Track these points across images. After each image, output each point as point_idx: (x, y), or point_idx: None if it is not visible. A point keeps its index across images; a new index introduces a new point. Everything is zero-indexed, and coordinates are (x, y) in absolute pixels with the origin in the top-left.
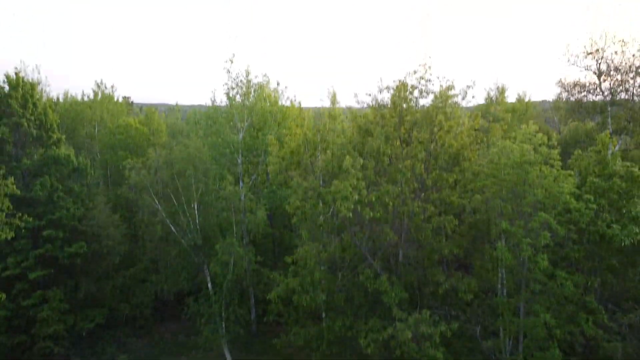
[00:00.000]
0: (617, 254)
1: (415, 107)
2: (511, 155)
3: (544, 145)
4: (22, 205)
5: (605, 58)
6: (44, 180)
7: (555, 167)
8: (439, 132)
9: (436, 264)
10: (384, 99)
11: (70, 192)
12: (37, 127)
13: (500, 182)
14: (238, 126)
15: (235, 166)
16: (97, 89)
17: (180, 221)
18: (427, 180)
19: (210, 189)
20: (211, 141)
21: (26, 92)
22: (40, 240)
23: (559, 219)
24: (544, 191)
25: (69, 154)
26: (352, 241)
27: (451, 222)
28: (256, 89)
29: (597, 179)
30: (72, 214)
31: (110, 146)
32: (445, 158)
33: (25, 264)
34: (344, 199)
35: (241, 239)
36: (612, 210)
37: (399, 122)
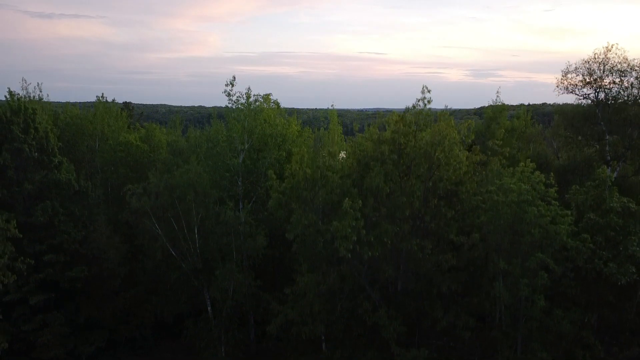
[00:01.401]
0: (614, 290)
1: (414, 141)
2: (509, 194)
3: (541, 183)
4: (24, 230)
5: (604, 87)
6: (45, 205)
7: (553, 205)
8: (437, 169)
9: (435, 297)
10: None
11: (71, 215)
12: (38, 151)
13: (498, 220)
14: (238, 148)
15: (235, 187)
16: (98, 102)
17: (181, 245)
18: (426, 216)
19: (210, 213)
20: (211, 164)
21: (28, 117)
22: (41, 265)
23: (556, 257)
24: (542, 230)
25: (70, 178)
26: (352, 272)
27: (449, 260)
28: (257, 111)
29: (594, 216)
30: (72, 238)
31: (111, 163)
32: (443, 192)
33: (26, 289)
34: (343, 238)
35: (241, 263)
36: (609, 247)
37: (398, 158)
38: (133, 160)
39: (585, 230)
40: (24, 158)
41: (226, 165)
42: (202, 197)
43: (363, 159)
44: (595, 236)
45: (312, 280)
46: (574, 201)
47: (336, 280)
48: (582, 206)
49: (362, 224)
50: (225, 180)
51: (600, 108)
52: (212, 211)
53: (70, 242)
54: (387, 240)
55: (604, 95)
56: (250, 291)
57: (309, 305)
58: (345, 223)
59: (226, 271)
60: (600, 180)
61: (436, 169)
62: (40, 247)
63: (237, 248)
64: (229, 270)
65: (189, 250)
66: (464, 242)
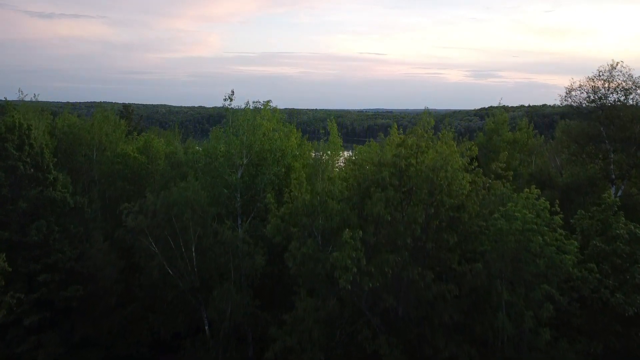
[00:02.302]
0: (620, 319)
1: (416, 163)
2: (513, 223)
3: (546, 210)
4: (18, 249)
5: (608, 105)
6: (39, 224)
7: (558, 232)
8: (439, 194)
9: (437, 326)
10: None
11: (66, 233)
12: (33, 168)
13: (502, 248)
14: (237, 163)
15: (233, 203)
16: (96, 111)
17: (178, 264)
18: (427, 243)
19: (208, 231)
20: (209, 180)
21: (23, 134)
22: (35, 284)
23: (562, 287)
24: (547, 260)
25: (65, 195)
26: (351, 298)
27: (452, 291)
28: (255, 126)
29: (600, 243)
30: (68, 256)
31: (109, 174)
32: (446, 218)
33: (20, 309)
34: (342, 269)
35: (239, 283)
36: (615, 275)
37: (399, 183)
38: (130, 172)
39: (591, 257)
40: (19, 175)
41: (224, 181)
42: (200, 214)
43: (363, 182)
44: (601, 264)
45: (311, 305)
46: (579, 226)
47: (335, 305)
48: (588, 231)
49: (362, 254)
50: (223, 196)
51: (604, 126)
52: (210, 229)
53: (65, 261)
54: (388, 270)
55: (608, 113)
56: (248, 311)
57: (307, 332)
58: (345, 254)
59: (224, 292)
60: (606, 205)
61: (438, 194)
62: (35, 267)
63: (236, 267)
64: (226, 291)
65: (186, 268)
66: (466, 271)
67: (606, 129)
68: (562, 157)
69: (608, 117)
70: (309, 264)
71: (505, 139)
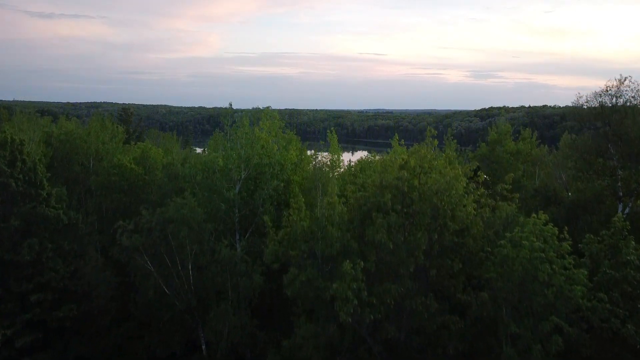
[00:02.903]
0: (631, 348)
1: (419, 185)
2: (521, 250)
3: (554, 237)
4: (10, 268)
5: (616, 121)
6: (31, 242)
7: (567, 259)
8: (442, 219)
9: (440, 356)
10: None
11: (59, 250)
12: (26, 184)
13: (509, 277)
14: (234, 178)
15: (231, 218)
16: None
17: (174, 282)
18: (431, 270)
19: (205, 249)
20: (207, 195)
21: (15, 149)
22: (28, 304)
23: (570, 317)
24: (555, 290)
25: (59, 212)
26: (352, 324)
27: (457, 323)
28: (254, 140)
29: (610, 270)
30: (61, 275)
31: (105, 186)
32: (449, 242)
33: (11, 330)
34: (343, 300)
35: (237, 303)
36: (625, 303)
37: (402, 208)
38: (127, 183)
39: (600, 284)
40: (11, 192)
41: (222, 196)
42: (197, 232)
43: (364, 204)
44: (611, 291)
45: (310, 331)
46: (588, 251)
47: (336, 332)
48: (597, 256)
49: (363, 284)
50: (221, 212)
51: (612, 142)
52: (207, 246)
53: (58, 280)
54: (390, 301)
55: (616, 129)
56: (246, 330)
57: (307, 359)
58: (345, 285)
59: (221, 312)
60: (616, 229)
61: (442, 219)
62: (27, 286)
63: (233, 286)
64: (223, 312)
65: (182, 287)
66: (471, 301)
67: (613, 145)
68: (568, 172)
69: (615, 134)
70: (308, 291)
71: (508, 150)
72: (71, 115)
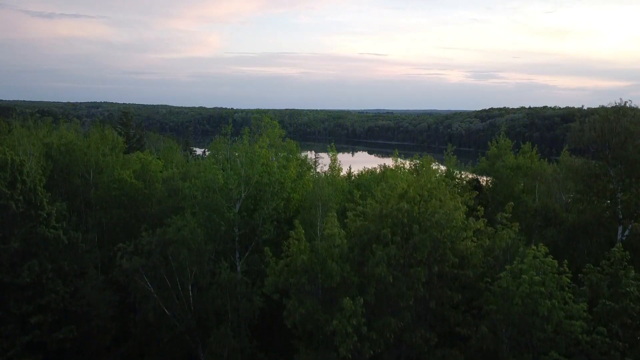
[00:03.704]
0: None
1: (418, 215)
2: (521, 285)
3: (554, 268)
4: (10, 290)
5: (617, 145)
6: (32, 264)
7: (566, 292)
8: (442, 251)
9: None
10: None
11: (59, 271)
12: (26, 204)
13: (509, 309)
14: (234, 197)
15: (231, 238)
16: (93, 129)
17: (174, 304)
18: (430, 301)
19: (204, 270)
20: (206, 215)
21: (15, 170)
22: (28, 326)
23: (570, 351)
24: (555, 325)
25: (59, 233)
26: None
27: (457, 357)
28: (254, 159)
29: (610, 302)
30: (61, 296)
31: (105, 200)
32: (449, 274)
33: (11, 352)
34: (343, 336)
35: (237, 325)
36: (625, 335)
37: (401, 241)
38: (127, 198)
39: (600, 316)
40: (10, 214)
41: (222, 216)
42: (196, 253)
43: (365, 234)
44: (610, 323)
45: (310, 358)
46: (588, 280)
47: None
48: (597, 286)
49: (363, 319)
50: (221, 232)
51: (612, 166)
52: (207, 267)
53: (58, 301)
54: (390, 335)
55: (616, 153)
56: (246, 353)
57: None
58: (345, 321)
59: (220, 335)
60: (616, 259)
61: (442, 251)
62: (27, 308)
63: (233, 308)
64: (223, 335)
65: (182, 308)
66: (471, 335)
67: (613, 169)
68: (568, 194)
69: (615, 157)
70: (307, 323)
71: (509, 165)
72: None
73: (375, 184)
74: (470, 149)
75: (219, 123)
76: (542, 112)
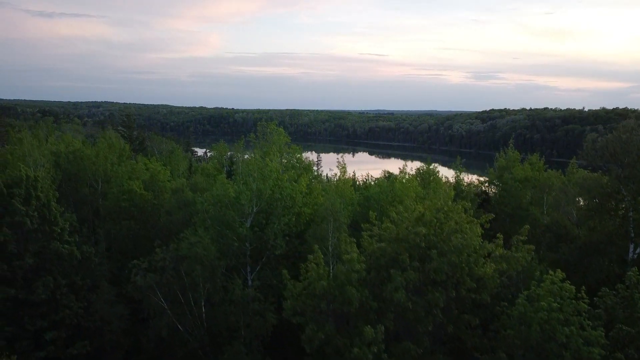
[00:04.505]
0: None
1: (436, 239)
2: (538, 312)
3: (572, 292)
4: (24, 307)
5: (628, 164)
6: (46, 281)
7: (583, 317)
8: (460, 275)
9: None
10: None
11: (72, 286)
12: (40, 220)
13: (527, 335)
14: (246, 212)
15: (243, 254)
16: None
17: (187, 320)
18: (448, 326)
19: (217, 286)
20: (218, 229)
21: (29, 186)
22: (42, 342)
23: None
24: (573, 352)
25: (72, 249)
26: None
27: None
28: (266, 175)
29: (626, 327)
30: (75, 311)
31: (115, 211)
32: (467, 299)
33: None
34: None
35: (250, 341)
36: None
37: (419, 265)
38: (137, 210)
39: (616, 340)
40: (25, 230)
41: (234, 231)
42: (209, 269)
43: (382, 256)
44: (626, 347)
45: None
46: (603, 304)
47: None
48: (612, 309)
49: (382, 346)
50: (233, 247)
51: (623, 184)
52: (219, 283)
53: (72, 317)
54: None
55: (628, 172)
56: None
57: None
58: (365, 349)
59: (233, 352)
60: (631, 283)
61: (459, 275)
62: (42, 324)
63: (246, 325)
64: (236, 351)
65: (195, 324)
66: (489, 359)
67: (625, 187)
68: (579, 212)
69: (627, 176)
70: (327, 348)
71: (517, 177)
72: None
73: (385, 197)
74: (471, 150)
75: (220, 123)
76: (543, 113)
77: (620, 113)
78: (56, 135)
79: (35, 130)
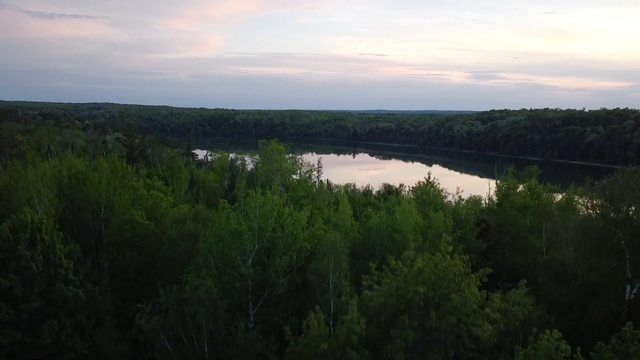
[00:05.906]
0: None
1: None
2: None
3: (567, 353)
4: (31, 349)
5: (625, 208)
6: (52, 324)
7: None
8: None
9: None
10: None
11: (77, 326)
12: (45, 262)
13: None
14: (247, 249)
15: (245, 291)
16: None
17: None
18: None
19: (220, 327)
20: (220, 267)
21: (34, 230)
22: None
23: None
24: None
25: (77, 291)
26: None
27: None
28: (267, 212)
29: None
30: (80, 353)
31: (117, 242)
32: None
33: None
34: None
35: None
36: None
37: (418, 325)
38: (140, 240)
39: None
40: (30, 274)
41: (236, 270)
42: (212, 311)
43: (382, 311)
44: None
45: None
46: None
47: None
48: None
49: None
50: (235, 286)
51: (620, 228)
52: (222, 324)
53: (77, 358)
54: None
55: (624, 217)
56: None
57: None
58: None
59: None
60: (626, 337)
61: (458, 333)
62: None
63: None
64: None
65: None
66: None
67: (621, 230)
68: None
69: (623, 220)
70: None
71: (516, 205)
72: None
73: (385, 227)
74: (472, 151)
75: (220, 124)
76: (544, 114)
77: (620, 114)
78: (57, 140)
79: (35, 134)
